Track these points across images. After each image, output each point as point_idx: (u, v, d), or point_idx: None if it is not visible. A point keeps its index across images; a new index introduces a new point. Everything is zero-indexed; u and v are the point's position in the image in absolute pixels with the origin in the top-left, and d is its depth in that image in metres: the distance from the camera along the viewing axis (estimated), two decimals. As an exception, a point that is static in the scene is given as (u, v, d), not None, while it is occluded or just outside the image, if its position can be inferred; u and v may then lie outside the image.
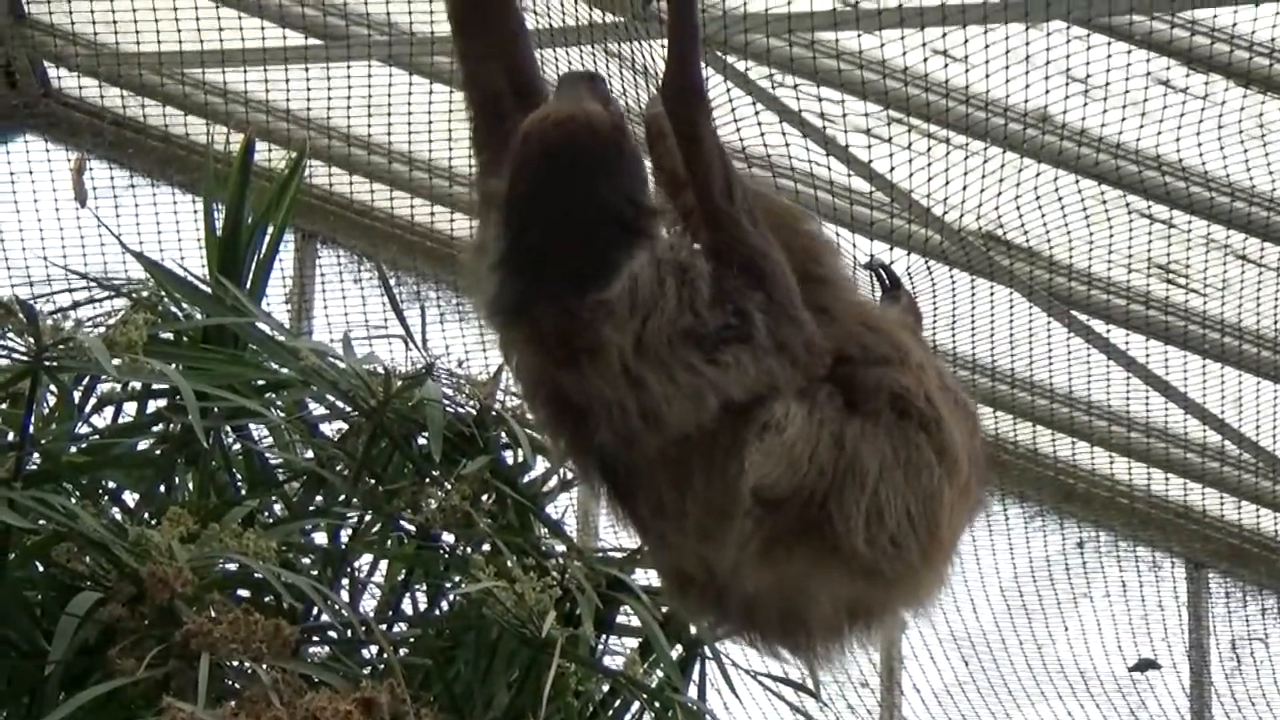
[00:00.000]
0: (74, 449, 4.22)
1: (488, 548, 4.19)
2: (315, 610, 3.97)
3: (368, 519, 4.31)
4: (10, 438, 4.00)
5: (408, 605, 4.38)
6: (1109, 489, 7.85)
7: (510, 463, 4.41)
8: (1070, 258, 6.90)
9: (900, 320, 3.52)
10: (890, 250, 6.49)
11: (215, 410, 4.17)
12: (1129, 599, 8.03)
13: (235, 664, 3.63)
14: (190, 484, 4.30)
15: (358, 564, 4.34)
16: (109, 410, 4.36)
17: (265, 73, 6.91)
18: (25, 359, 3.89)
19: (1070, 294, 7.02)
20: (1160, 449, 7.62)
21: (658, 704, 4.26)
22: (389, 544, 4.34)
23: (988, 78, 6.14)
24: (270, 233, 4.59)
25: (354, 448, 4.31)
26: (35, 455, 4.00)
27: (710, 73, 5.62)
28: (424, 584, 4.36)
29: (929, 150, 6.39)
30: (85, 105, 7.30)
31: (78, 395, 4.23)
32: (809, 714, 4.55)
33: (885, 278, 3.86)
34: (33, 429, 3.99)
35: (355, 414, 4.30)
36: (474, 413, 4.38)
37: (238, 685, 3.62)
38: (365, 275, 7.54)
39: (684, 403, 3.09)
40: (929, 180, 6.45)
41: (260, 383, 4.37)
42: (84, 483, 4.13)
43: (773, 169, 6.18)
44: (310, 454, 4.41)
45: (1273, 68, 6.02)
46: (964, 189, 6.46)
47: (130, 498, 4.25)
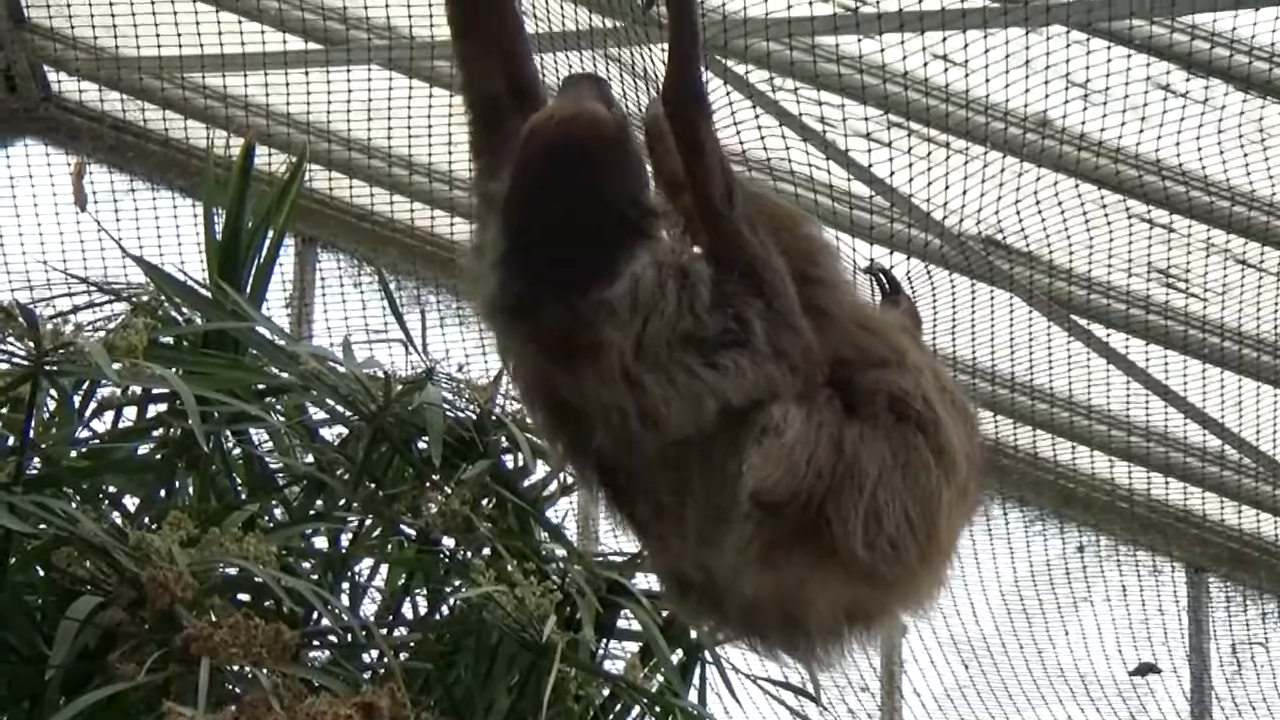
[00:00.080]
0: (74, 453, 4.22)
1: (488, 552, 4.19)
2: (316, 615, 3.97)
3: (368, 523, 4.31)
4: (11, 442, 3.99)
5: (408, 610, 4.38)
6: (1109, 493, 7.85)
7: (510, 467, 4.41)
8: (1070, 262, 6.89)
9: (898, 322, 3.52)
10: (890, 255, 6.48)
11: (215, 415, 4.17)
12: (1129, 603, 8.02)
13: (236, 668, 3.63)
14: (190, 488, 4.30)
15: (358, 568, 4.34)
16: (109, 415, 4.36)
17: (265, 77, 6.91)
18: (25, 363, 3.89)
19: (1070, 298, 7.01)
20: (1160, 453, 7.61)
21: (658, 708, 4.26)
22: (389, 548, 4.35)
23: (988, 82, 6.13)
24: (270, 237, 4.59)
25: (354, 452, 4.31)
26: (35, 460, 4.01)
27: (710, 77, 5.61)
28: (424, 588, 4.36)
29: (929, 155, 6.38)
30: (85, 110, 7.31)
31: (78, 400, 4.23)
32: (809, 718, 4.55)
33: (885, 282, 3.86)
34: (33, 433, 3.99)
35: (355, 418, 4.31)
36: (474, 417, 4.38)
37: (238, 690, 3.62)
38: (365, 279, 7.54)
39: (682, 406, 3.08)
40: (929, 185, 6.44)
41: (260, 387, 4.37)
42: (84, 487, 4.12)
43: (772, 173, 6.18)
44: (310, 458, 4.41)
45: (1273, 72, 6.01)
46: (964, 193, 6.45)
47: (131, 502, 4.25)
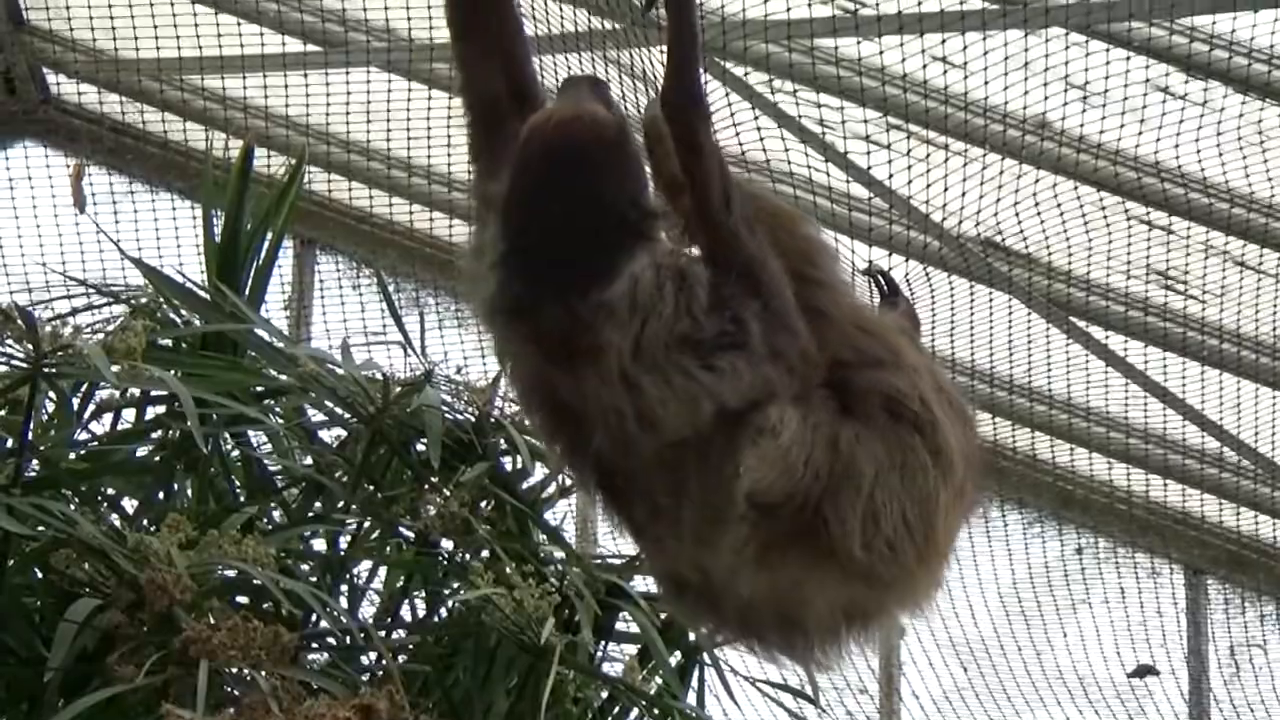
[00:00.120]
0: (73, 455, 4.21)
1: (486, 554, 4.18)
2: (314, 617, 3.97)
3: (366, 525, 4.31)
4: (9, 444, 3.99)
5: (406, 612, 4.38)
6: (1108, 495, 7.85)
7: (509, 469, 4.40)
8: (1069, 264, 6.90)
9: (896, 324, 3.52)
10: (889, 256, 6.48)
11: (214, 417, 4.17)
12: (1128, 605, 8.02)
13: (234, 671, 3.62)
14: (189, 490, 4.30)
15: (356, 570, 4.34)
16: (108, 417, 4.35)
17: (264, 79, 6.92)
18: (24, 365, 3.88)
19: (1069, 300, 7.01)
20: (1159, 455, 7.62)
21: (656, 710, 4.26)
22: (388, 550, 4.34)
23: (987, 84, 6.14)
24: (269, 239, 4.58)
25: (353, 454, 4.31)
26: (34, 462, 4.00)
27: (709, 79, 5.62)
28: (423, 590, 4.35)
29: (928, 156, 6.38)
30: (84, 112, 7.31)
31: (76, 402, 4.22)
32: (807, 720, 4.55)
33: (884, 284, 3.86)
34: (31, 435, 3.98)
35: (354, 420, 4.30)
36: (473, 419, 4.38)
37: (237, 692, 3.62)
38: (364, 281, 7.55)
39: (679, 407, 3.08)
40: (928, 186, 6.45)
41: (259, 389, 4.36)
42: (83, 489, 4.12)
43: (771, 175, 6.18)
44: (309, 460, 4.41)
45: (1271, 74, 6.02)
46: (963, 195, 6.45)
47: (129, 504, 4.25)
